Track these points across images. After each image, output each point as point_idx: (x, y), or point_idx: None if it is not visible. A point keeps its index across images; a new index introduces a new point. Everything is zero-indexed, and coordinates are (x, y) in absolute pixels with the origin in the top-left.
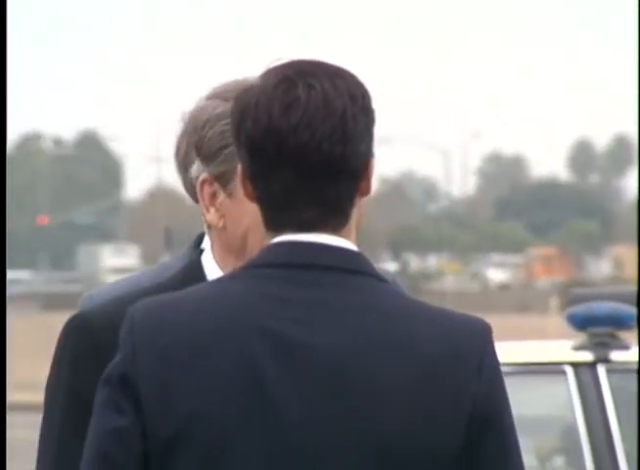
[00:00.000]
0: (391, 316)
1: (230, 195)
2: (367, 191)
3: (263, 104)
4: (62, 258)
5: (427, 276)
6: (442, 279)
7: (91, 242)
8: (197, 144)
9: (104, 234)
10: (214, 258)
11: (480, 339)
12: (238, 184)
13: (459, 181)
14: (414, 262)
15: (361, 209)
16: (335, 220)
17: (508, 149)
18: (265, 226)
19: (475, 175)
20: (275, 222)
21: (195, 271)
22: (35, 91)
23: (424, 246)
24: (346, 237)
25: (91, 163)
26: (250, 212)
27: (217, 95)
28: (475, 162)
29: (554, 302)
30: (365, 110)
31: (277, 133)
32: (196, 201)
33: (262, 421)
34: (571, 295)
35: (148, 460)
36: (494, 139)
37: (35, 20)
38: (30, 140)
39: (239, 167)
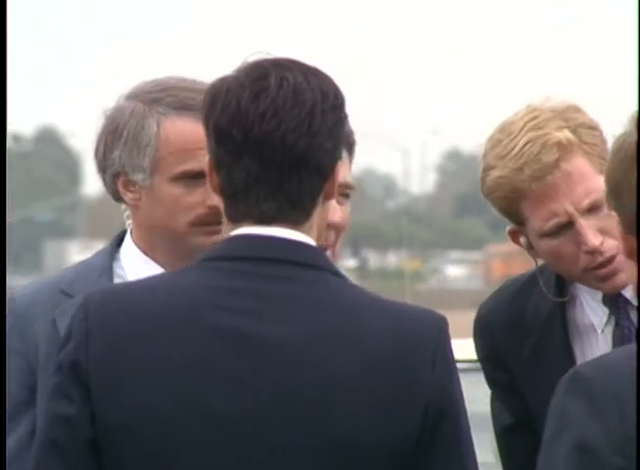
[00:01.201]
0: (344, 310)
1: None
2: (331, 194)
3: (233, 91)
4: (20, 254)
5: (386, 273)
6: (401, 276)
7: (51, 239)
8: None
9: (63, 231)
10: None
11: (434, 331)
12: None
13: (418, 178)
14: (373, 259)
15: (326, 213)
16: (294, 215)
17: (467, 146)
18: (226, 217)
19: (434, 172)
20: (235, 213)
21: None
22: None
23: (383, 243)
24: (306, 234)
25: (50, 159)
26: None
27: (136, 96)
28: (434, 158)
29: None
30: (336, 109)
31: (244, 120)
32: (115, 199)
33: (207, 413)
34: None
35: (97, 446)
36: (453, 136)
37: None
38: None
39: (206, 159)
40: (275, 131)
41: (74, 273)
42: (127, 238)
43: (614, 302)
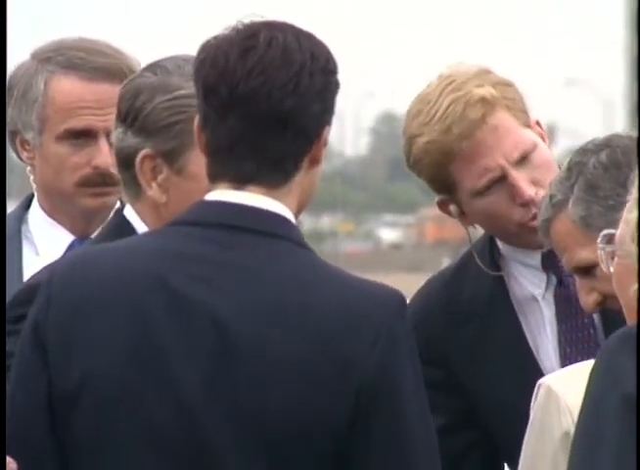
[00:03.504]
0: (299, 283)
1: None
2: (317, 159)
3: (223, 48)
4: None
5: (320, 236)
6: (335, 239)
7: None
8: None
9: None
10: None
11: (384, 309)
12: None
13: (352, 141)
14: (307, 223)
15: (312, 179)
16: (273, 177)
17: (402, 109)
18: (207, 177)
19: (368, 135)
20: (214, 172)
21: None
22: None
23: (317, 206)
24: (282, 198)
25: None
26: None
27: (35, 54)
28: (368, 122)
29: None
30: (325, 72)
31: (231, 76)
32: (19, 158)
33: (150, 380)
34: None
35: (53, 410)
36: (388, 99)
37: None
38: None
39: (195, 120)
40: (261, 88)
41: None
42: (34, 200)
43: (552, 262)
